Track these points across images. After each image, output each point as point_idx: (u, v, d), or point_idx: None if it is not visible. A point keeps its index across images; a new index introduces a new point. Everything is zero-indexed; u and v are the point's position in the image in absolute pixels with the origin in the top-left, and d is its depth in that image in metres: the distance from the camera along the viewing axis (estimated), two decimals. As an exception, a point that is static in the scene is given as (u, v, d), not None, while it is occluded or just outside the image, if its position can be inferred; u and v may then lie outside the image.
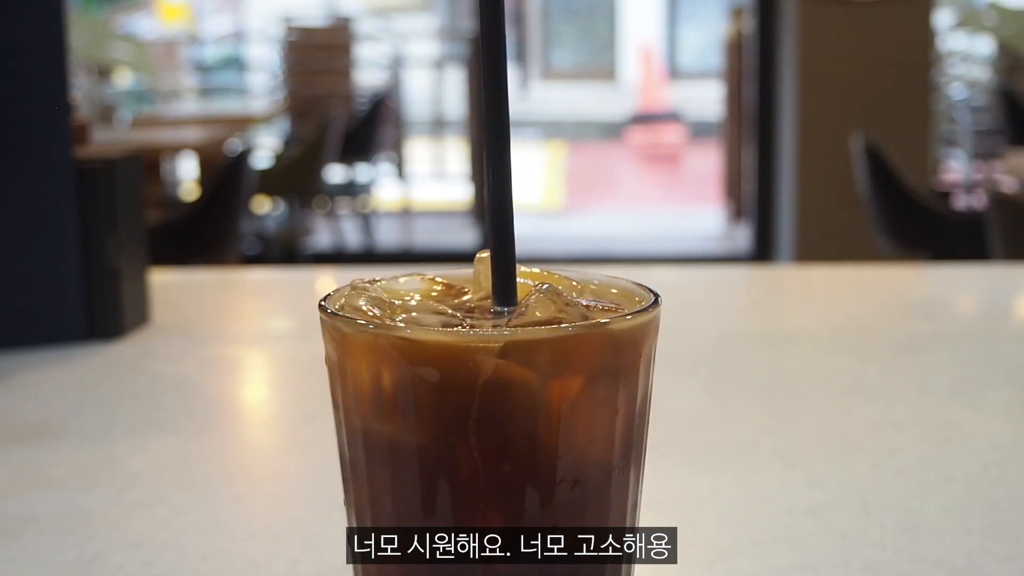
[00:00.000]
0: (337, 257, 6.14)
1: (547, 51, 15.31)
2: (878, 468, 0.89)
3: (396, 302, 0.52)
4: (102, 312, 1.26)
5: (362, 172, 6.65)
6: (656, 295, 0.52)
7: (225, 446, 0.99)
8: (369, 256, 6.31)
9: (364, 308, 0.51)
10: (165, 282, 1.54)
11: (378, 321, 0.49)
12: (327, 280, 1.69)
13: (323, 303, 0.51)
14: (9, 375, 1.16)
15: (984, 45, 7.19)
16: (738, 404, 1.06)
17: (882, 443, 0.95)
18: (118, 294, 1.27)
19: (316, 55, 7.11)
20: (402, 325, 0.48)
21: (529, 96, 13.81)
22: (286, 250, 5.25)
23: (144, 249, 1.33)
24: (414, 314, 0.51)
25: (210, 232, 3.75)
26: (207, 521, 0.80)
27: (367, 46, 7.85)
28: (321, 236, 6.26)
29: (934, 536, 0.76)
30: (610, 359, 0.48)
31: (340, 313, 0.50)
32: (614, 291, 0.53)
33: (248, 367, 1.27)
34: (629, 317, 0.49)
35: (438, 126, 8.13)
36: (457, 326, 0.48)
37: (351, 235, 6.59)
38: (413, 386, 0.47)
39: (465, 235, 6.64)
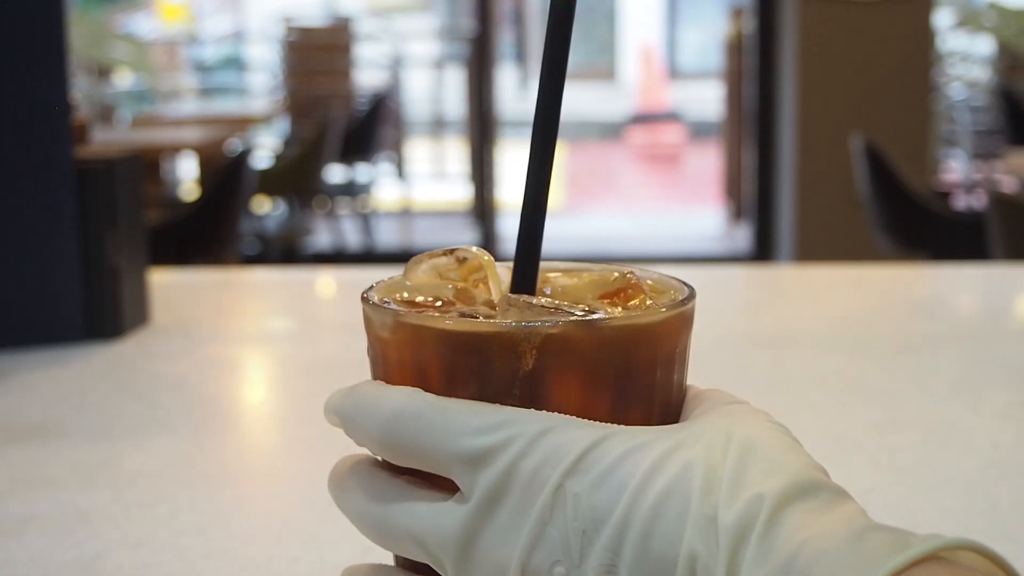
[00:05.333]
0: (337, 257, 6.14)
1: (547, 51, 15.31)
2: (878, 468, 0.89)
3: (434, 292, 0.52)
4: (102, 312, 1.26)
5: (362, 172, 6.65)
6: (691, 288, 0.52)
7: (225, 446, 0.99)
8: (369, 256, 6.31)
9: (406, 298, 0.51)
10: (165, 282, 1.54)
11: (420, 312, 0.50)
12: (327, 280, 1.69)
13: (366, 295, 0.51)
14: (9, 375, 1.16)
15: (984, 45, 7.19)
16: (738, 404, 1.06)
17: (882, 443, 0.95)
18: (118, 294, 1.27)
19: (316, 55, 7.11)
20: (444, 316, 0.48)
21: (529, 96, 13.82)
22: (286, 250, 5.25)
23: (144, 249, 1.33)
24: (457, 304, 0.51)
25: (210, 232, 3.75)
26: (207, 521, 0.80)
27: (367, 46, 7.85)
28: (321, 236, 6.26)
29: (934, 536, 0.75)
30: (647, 351, 0.48)
31: (382, 304, 0.50)
32: (648, 282, 0.53)
33: (248, 367, 1.27)
34: (664, 310, 0.49)
35: (438, 126, 8.13)
36: (497, 319, 0.48)
37: (351, 235, 6.59)
38: (454, 377, 0.47)
39: (465, 235, 6.64)
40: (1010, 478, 0.87)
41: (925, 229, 3.67)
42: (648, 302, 0.50)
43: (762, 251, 5.62)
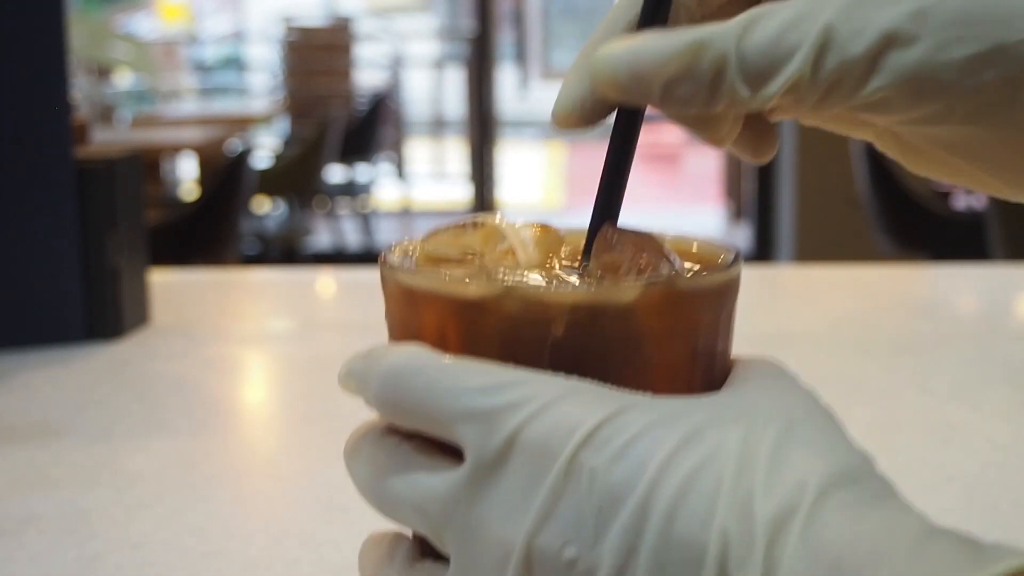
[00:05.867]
0: (337, 257, 6.14)
1: (547, 51, 15.33)
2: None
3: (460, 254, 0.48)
4: (102, 312, 1.26)
5: (362, 172, 6.65)
6: (737, 250, 0.48)
7: (225, 446, 0.99)
8: (369, 256, 6.31)
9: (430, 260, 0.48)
10: (165, 282, 1.54)
11: (441, 271, 0.46)
12: (327, 280, 1.69)
13: (384, 256, 0.47)
14: (9, 375, 1.16)
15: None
16: (738, 404, 1.06)
17: (882, 443, 0.95)
18: (118, 294, 1.27)
19: (316, 55, 7.11)
20: (467, 275, 0.44)
21: (529, 96, 13.82)
22: (286, 250, 5.25)
23: (144, 249, 1.33)
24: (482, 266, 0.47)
25: (210, 232, 3.75)
26: (207, 521, 0.80)
27: (367, 46, 7.85)
28: (321, 236, 6.26)
29: (934, 536, 0.75)
30: (691, 317, 0.44)
31: (401, 264, 0.46)
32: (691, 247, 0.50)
33: (248, 367, 1.27)
34: (705, 274, 0.45)
35: (438, 126, 8.13)
36: (525, 282, 0.44)
37: (351, 235, 6.59)
38: (476, 342, 0.43)
39: (465, 235, 6.64)
40: (1010, 478, 0.87)
41: (925, 229, 3.67)
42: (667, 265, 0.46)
43: (762, 251, 5.61)
